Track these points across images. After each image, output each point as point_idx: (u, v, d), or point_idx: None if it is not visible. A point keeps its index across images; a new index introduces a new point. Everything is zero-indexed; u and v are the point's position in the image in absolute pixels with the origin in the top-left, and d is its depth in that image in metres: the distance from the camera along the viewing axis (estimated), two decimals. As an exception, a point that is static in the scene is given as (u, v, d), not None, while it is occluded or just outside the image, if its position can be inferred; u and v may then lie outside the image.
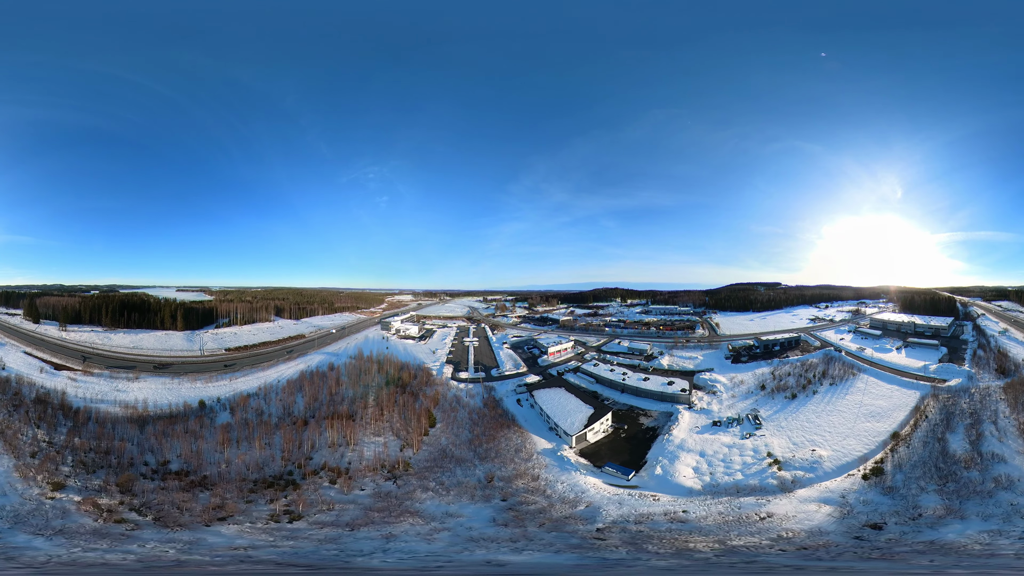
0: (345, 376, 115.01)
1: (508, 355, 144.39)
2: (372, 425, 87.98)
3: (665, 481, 65.24)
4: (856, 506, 51.28)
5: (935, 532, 45.33)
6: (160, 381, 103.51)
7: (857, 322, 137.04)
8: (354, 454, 76.84)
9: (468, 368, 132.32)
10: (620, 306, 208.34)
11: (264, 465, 70.60)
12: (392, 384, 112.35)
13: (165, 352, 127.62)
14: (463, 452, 79.53)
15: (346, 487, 64.84)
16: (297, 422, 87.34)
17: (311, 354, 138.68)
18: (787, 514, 50.91)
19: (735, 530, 48.73)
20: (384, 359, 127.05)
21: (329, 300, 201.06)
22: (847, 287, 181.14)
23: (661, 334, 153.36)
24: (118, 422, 78.58)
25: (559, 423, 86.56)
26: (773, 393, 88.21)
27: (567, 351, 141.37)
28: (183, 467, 68.32)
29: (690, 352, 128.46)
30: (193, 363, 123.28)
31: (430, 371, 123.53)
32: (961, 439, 61.34)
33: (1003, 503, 48.69)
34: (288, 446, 77.23)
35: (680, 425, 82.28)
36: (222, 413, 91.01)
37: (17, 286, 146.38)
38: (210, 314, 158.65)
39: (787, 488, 57.95)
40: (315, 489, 63.58)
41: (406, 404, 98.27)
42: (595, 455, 78.77)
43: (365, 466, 72.03)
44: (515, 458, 76.01)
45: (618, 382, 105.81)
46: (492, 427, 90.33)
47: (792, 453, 66.08)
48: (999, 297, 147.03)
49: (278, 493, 61.93)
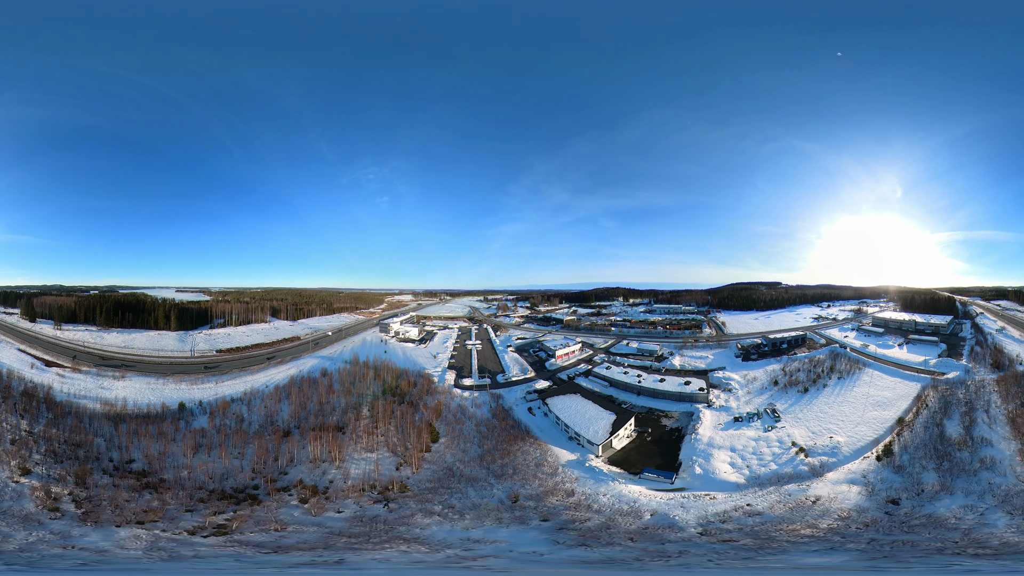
0: (338, 383, 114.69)
1: (514, 359, 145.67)
2: (364, 440, 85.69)
3: (708, 479, 70.99)
4: (876, 484, 61.71)
5: (932, 506, 56.08)
6: (144, 381, 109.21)
7: (859, 321, 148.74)
8: (338, 472, 74.35)
9: (472, 374, 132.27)
10: (623, 305, 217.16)
11: (228, 476, 70.76)
12: (389, 393, 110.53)
13: (155, 352, 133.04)
14: (474, 470, 76.80)
15: (317, 509, 61.66)
16: (278, 432, 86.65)
17: (304, 358, 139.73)
18: (829, 496, 60.11)
19: (804, 515, 56.54)
20: (381, 365, 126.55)
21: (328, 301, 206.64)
22: (847, 287, 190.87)
23: (669, 334, 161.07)
24: (95, 418, 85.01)
25: (581, 432, 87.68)
26: (786, 388, 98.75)
27: (575, 353, 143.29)
28: (144, 467, 71.54)
29: (700, 351, 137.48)
30: (181, 364, 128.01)
31: (431, 378, 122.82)
32: (956, 425, 72.69)
33: (983, 481, 59.57)
34: (262, 458, 76.35)
35: (704, 423, 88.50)
36: (200, 417, 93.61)
37: (17, 286, 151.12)
38: (205, 314, 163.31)
39: (818, 473, 67.15)
40: (276, 507, 62.04)
41: (404, 416, 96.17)
42: (625, 462, 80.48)
43: (350, 486, 69.42)
44: (537, 473, 74.84)
45: (634, 384, 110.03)
46: (505, 440, 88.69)
47: (813, 441, 75.83)
48: (998, 297, 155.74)
49: (227, 506, 61.43)
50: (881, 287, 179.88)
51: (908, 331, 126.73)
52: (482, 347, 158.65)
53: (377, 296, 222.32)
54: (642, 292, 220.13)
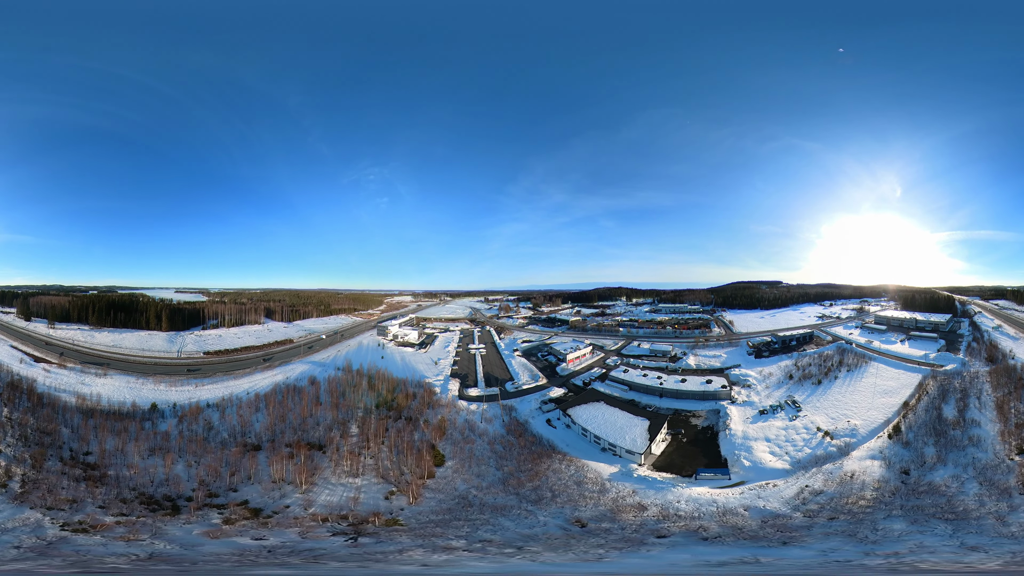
0: (326, 394, 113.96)
1: (521, 364, 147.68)
2: (348, 462, 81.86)
3: (759, 469, 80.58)
4: (891, 457, 77.48)
5: (931, 475, 72.14)
6: (125, 379, 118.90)
7: (862, 319, 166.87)
8: (302, 496, 70.87)
9: (478, 382, 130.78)
10: (626, 305, 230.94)
11: (168, 483, 72.59)
12: (384, 408, 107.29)
13: (143, 352, 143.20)
14: (498, 497, 71.97)
15: (220, 532, 57.32)
16: (241, 446, 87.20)
17: (294, 363, 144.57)
18: (860, 470, 74.18)
19: (851, 489, 69.14)
20: (377, 374, 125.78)
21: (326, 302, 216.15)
22: (847, 285, 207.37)
23: (679, 334, 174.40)
24: (67, 410, 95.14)
25: (617, 442, 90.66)
26: (800, 381, 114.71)
27: (586, 357, 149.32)
28: (96, 461, 77.67)
29: (713, 351, 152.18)
30: (165, 365, 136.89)
31: (432, 388, 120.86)
32: (952, 408, 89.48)
33: (969, 455, 75.43)
34: (215, 469, 76.95)
35: (733, 419, 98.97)
36: (169, 420, 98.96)
37: (16, 286, 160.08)
38: (198, 315, 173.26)
39: (844, 452, 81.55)
40: (183, 523, 60.62)
41: (401, 435, 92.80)
42: (671, 466, 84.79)
43: (311, 514, 64.70)
44: (584, 492, 73.43)
45: (655, 387, 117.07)
46: (528, 459, 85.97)
47: (834, 425, 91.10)
48: (997, 296, 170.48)
49: (146, 511, 63.67)
50: (880, 286, 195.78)
51: (909, 328, 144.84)
52: (486, 351, 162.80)
53: (376, 297, 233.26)
54: (644, 291, 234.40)
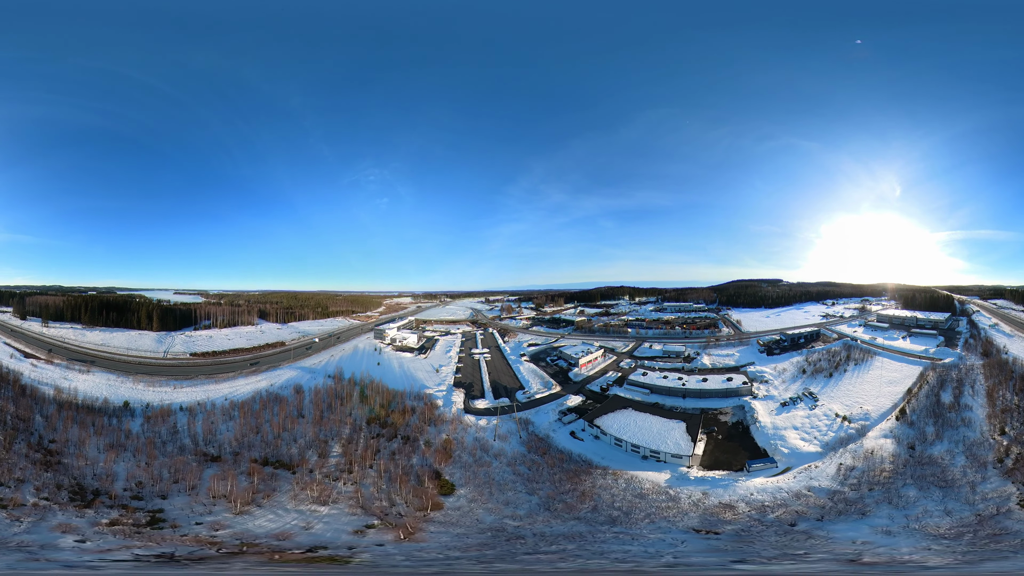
0: (310, 405, 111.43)
1: (530, 370, 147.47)
2: (318, 489, 75.15)
3: (797, 455, 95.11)
4: (900, 436, 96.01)
5: (931, 449, 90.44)
6: (106, 377, 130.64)
7: (865, 317, 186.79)
8: (230, 517, 65.20)
9: (485, 392, 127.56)
10: (630, 304, 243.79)
11: (104, 478, 76.94)
12: (376, 424, 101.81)
13: (130, 352, 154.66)
14: (552, 526, 67.23)
15: (68, 528, 57.23)
16: (200, 454, 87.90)
17: (282, 368, 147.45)
18: (877, 447, 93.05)
19: (874, 464, 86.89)
20: (371, 384, 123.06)
21: (323, 304, 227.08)
22: (847, 284, 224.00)
23: (689, 334, 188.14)
24: (45, 401, 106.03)
25: (660, 448, 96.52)
26: (813, 375, 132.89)
27: (599, 360, 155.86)
28: (56, 448, 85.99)
29: (724, 349, 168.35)
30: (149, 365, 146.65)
31: (434, 401, 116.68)
32: (949, 395, 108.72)
33: (960, 433, 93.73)
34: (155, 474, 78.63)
35: (759, 413, 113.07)
36: (138, 419, 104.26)
37: (16, 286, 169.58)
38: (190, 316, 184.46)
39: (862, 433, 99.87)
40: (76, 516, 63.07)
41: (395, 458, 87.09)
42: (717, 463, 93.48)
43: (239, 546, 56.74)
44: (658, 503, 75.93)
45: (678, 388, 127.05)
46: (565, 478, 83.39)
47: (849, 411, 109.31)
48: (996, 296, 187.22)
49: (63, 495, 68.72)
50: (880, 284, 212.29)
51: (910, 326, 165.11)
52: (491, 356, 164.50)
53: (375, 299, 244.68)
54: (645, 290, 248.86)
